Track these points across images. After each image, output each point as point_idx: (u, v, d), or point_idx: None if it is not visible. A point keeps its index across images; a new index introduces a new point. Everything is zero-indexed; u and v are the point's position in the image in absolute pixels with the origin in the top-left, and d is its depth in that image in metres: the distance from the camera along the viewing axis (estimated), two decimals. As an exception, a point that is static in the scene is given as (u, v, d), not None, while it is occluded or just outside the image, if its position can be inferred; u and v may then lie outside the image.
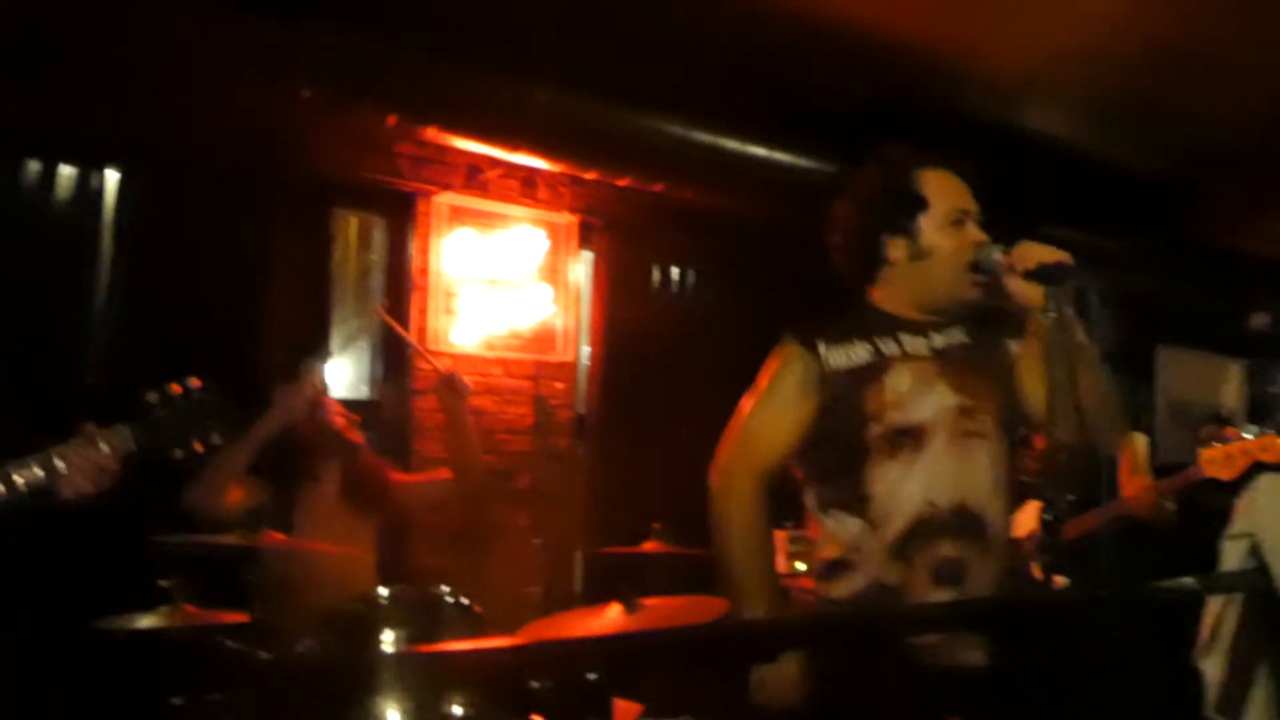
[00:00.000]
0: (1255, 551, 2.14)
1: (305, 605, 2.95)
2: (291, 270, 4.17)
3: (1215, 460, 3.76)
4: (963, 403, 2.09)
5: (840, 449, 2.11)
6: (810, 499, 2.18)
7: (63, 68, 3.45)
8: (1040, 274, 1.89)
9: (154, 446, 2.29)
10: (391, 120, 3.87)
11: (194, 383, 2.37)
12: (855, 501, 2.07)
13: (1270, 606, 2.12)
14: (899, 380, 2.09)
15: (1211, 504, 4.16)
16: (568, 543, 4.80)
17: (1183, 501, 4.04)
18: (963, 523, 2.04)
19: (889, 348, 2.13)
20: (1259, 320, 5.62)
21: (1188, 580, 2.21)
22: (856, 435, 2.08)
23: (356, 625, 2.62)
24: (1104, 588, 1.80)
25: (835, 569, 2.11)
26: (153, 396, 2.31)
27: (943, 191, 2.15)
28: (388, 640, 2.60)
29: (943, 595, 2.00)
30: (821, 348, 2.14)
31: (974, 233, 2.14)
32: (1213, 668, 2.18)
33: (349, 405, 4.41)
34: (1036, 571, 3.70)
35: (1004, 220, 2.22)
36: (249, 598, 2.98)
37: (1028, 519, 3.79)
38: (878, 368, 2.10)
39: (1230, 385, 8.43)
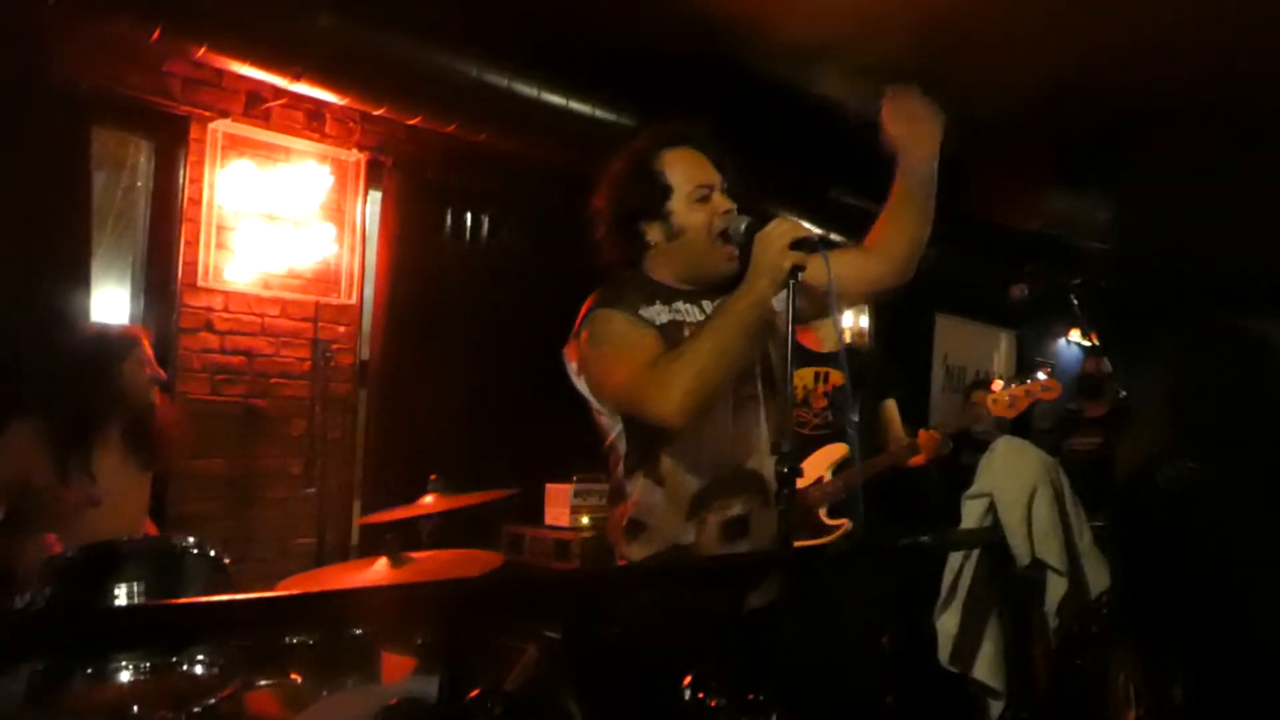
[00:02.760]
0: (991, 510, 2.27)
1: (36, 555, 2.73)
2: (45, 189, 3.80)
3: (1000, 401, 4.04)
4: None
5: None
6: (623, 462, 2.19)
7: None
8: (795, 245, 1.97)
9: None
10: (155, 35, 3.57)
11: None
12: (653, 465, 2.12)
13: (1001, 562, 2.25)
14: None
15: (966, 464, 4.47)
16: (344, 493, 4.64)
17: (944, 461, 4.31)
18: (747, 482, 2.14)
19: (677, 314, 2.18)
20: (1016, 290, 6.04)
21: (925, 538, 2.32)
22: None
23: (85, 576, 2.42)
24: (855, 542, 1.85)
25: (634, 530, 2.15)
26: None
27: (685, 171, 2.21)
28: (120, 593, 2.43)
29: (730, 551, 2.09)
30: (634, 305, 2.15)
31: (720, 202, 2.20)
32: (949, 621, 2.29)
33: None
34: (823, 516, 3.83)
35: (790, 181, 2.28)
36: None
37: (817, 466, 3.92)
38: (677, 328, 2.13)
39: (1000, 352, 9.03)
